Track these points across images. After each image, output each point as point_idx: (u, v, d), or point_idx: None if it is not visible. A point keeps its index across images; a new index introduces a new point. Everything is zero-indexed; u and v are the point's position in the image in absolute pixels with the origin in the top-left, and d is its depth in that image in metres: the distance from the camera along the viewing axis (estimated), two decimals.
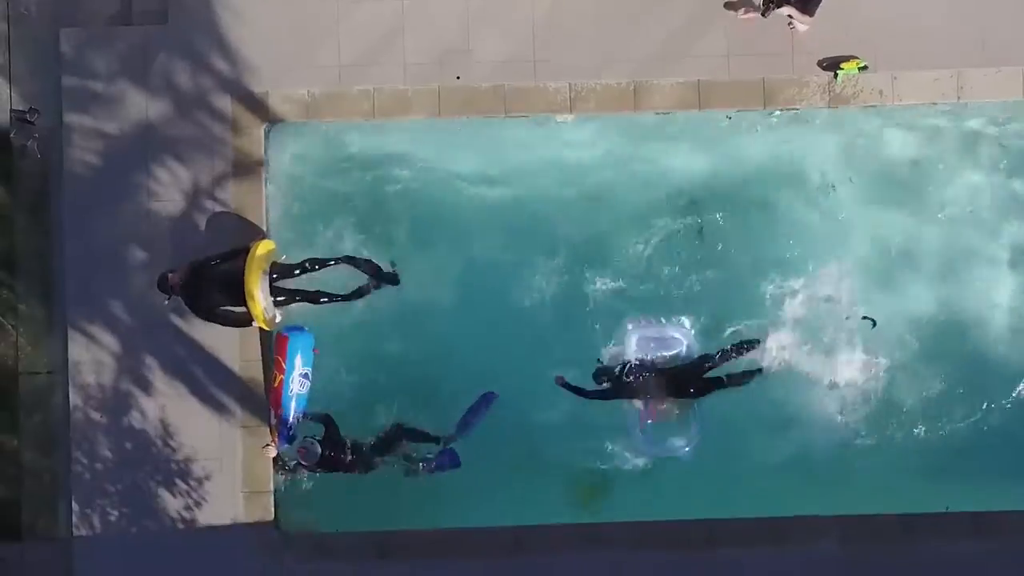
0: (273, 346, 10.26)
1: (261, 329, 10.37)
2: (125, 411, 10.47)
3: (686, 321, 10.60)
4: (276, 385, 10.13)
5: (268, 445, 10.09)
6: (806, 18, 10.07)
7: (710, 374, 10.37)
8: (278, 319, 10.31)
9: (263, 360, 10.47)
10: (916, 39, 10.43)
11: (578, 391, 10.25)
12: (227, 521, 10.41)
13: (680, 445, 10.53)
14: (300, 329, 10.28)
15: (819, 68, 10.45)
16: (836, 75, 10.41)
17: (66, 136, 10.50)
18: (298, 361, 10.12)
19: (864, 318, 10.70)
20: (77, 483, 10.41)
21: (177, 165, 10.51)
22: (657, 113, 10.61)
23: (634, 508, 10.53)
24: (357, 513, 10.55)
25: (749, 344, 10.51)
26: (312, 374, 10.22)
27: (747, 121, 10.77)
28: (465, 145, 10.83)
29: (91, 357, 10.47)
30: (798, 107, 10.55)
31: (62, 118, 10.50)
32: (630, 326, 10.56)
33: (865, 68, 10.38)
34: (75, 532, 10.41)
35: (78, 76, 10.50)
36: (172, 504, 10.44)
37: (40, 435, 10.63)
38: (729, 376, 10.40)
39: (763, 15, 10.16)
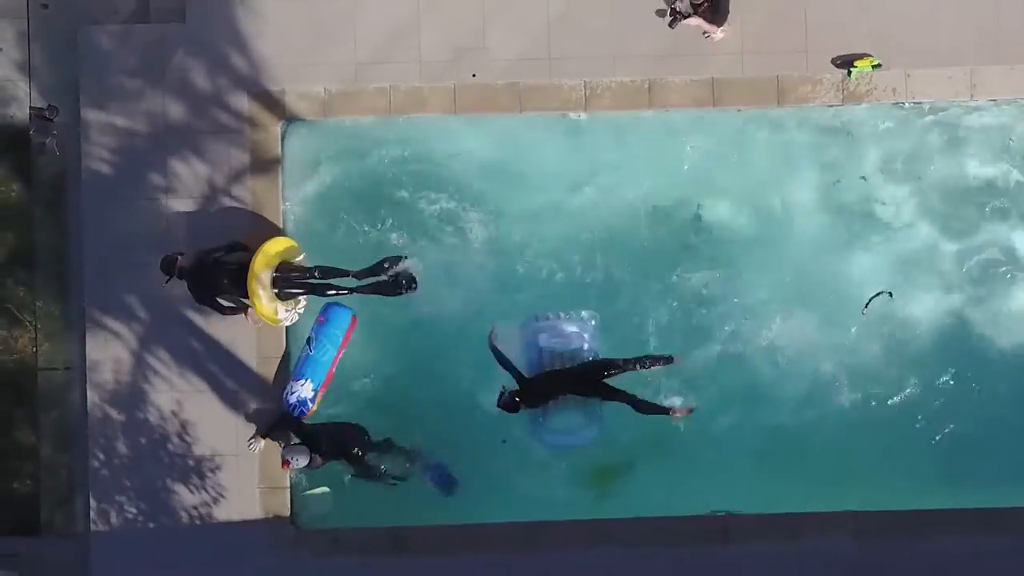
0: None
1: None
2: (142, 407, 10.49)
3: (592, 321, 10.46)
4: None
5: (252, 439, 10.22)
6: (714, 28, 10.07)
7: (614, 380, 10.21)
8: (282, 315, 10.27)
9: (281, 356, 10.54)
10: (929, 37, 10.43)
11: (502, 361, 10.09)
12: (243, 517, 10.43)
13: (579, 438, 10.44)
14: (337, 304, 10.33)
15: (833, 66, 10.45)
16: (850, 72, 10.41)
17: (84, 133, 10.51)
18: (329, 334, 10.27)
19: (880, 293, 10.72)
20: (94, 479, 10.42)
21: (194, 162, 10.52)
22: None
23: (646, 504, 10.50)
24: (372, 509, 10.55)
25: (661, 359, 10.33)
26: (317, 346, 10.22)
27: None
28: (484, 142, 10.87)
29: (108, 353, 10.48)
30: (811, 104, 10.55)
31: (80, 115, 10.52)
32: (535, 322, 10.43)
33: (879, 66, 10.37)
34: (92, 527, 10.43)
35: (96, 74, 10.52)
36: (189, 500, 10.45)
37: (58, 431, 10.66)
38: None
39: (670, 26, 10.05)
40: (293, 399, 10.19)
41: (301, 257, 10.48)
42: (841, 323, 10.78)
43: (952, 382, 10.75)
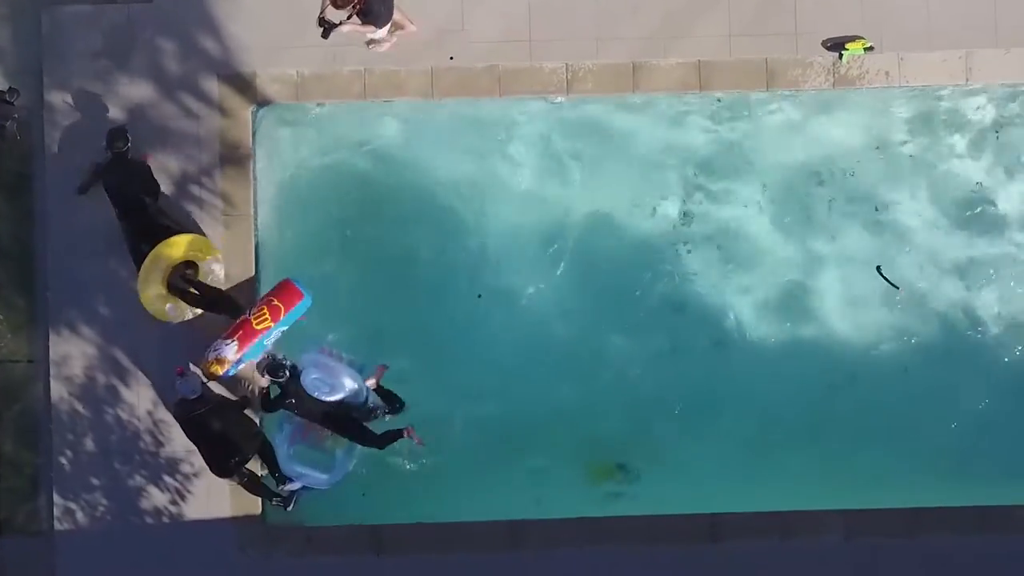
0: (278, 290, 9.97)
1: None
2: (109, 402, 10.35)
3: (362, 367, 10.16)
4: (259, 326, 9.86)
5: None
6: (370, 28, 9.50)
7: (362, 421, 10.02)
8: (169, 310, 10.03)
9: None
10: (923, 19, 10.34)
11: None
12: (214, 515, 10.30)
13: (321, 477, 10.14)
14: (308, 293, 10.05)
15: (823, 49, 10.33)
16: (841, 56, 10.29)
17: (48, 117, 10.37)
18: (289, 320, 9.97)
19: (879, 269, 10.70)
20: (59, 476, 10.28)
21: (163, 147, 10.37)
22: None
23: (634, 502, 10.47)
24: (349, 507, 10.44)
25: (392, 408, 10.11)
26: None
27: None
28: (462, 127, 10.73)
29: (73, 347, 10.33)
30: (801, 88, 10.42)
31: (44, 99, 10.36)
32: (316, 354, 9.98)
33: (871, 49, 10.27)
34: (57, 526, 10.28)
35: (60, 56, 10.36)
36: (158, 498, 10.33)
37: (20, 426, 10.48)
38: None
39: (323, 37, 9.43)
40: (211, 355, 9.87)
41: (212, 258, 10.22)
42: (836, 320, 10.73)
43: (950, 379, 10.68)
